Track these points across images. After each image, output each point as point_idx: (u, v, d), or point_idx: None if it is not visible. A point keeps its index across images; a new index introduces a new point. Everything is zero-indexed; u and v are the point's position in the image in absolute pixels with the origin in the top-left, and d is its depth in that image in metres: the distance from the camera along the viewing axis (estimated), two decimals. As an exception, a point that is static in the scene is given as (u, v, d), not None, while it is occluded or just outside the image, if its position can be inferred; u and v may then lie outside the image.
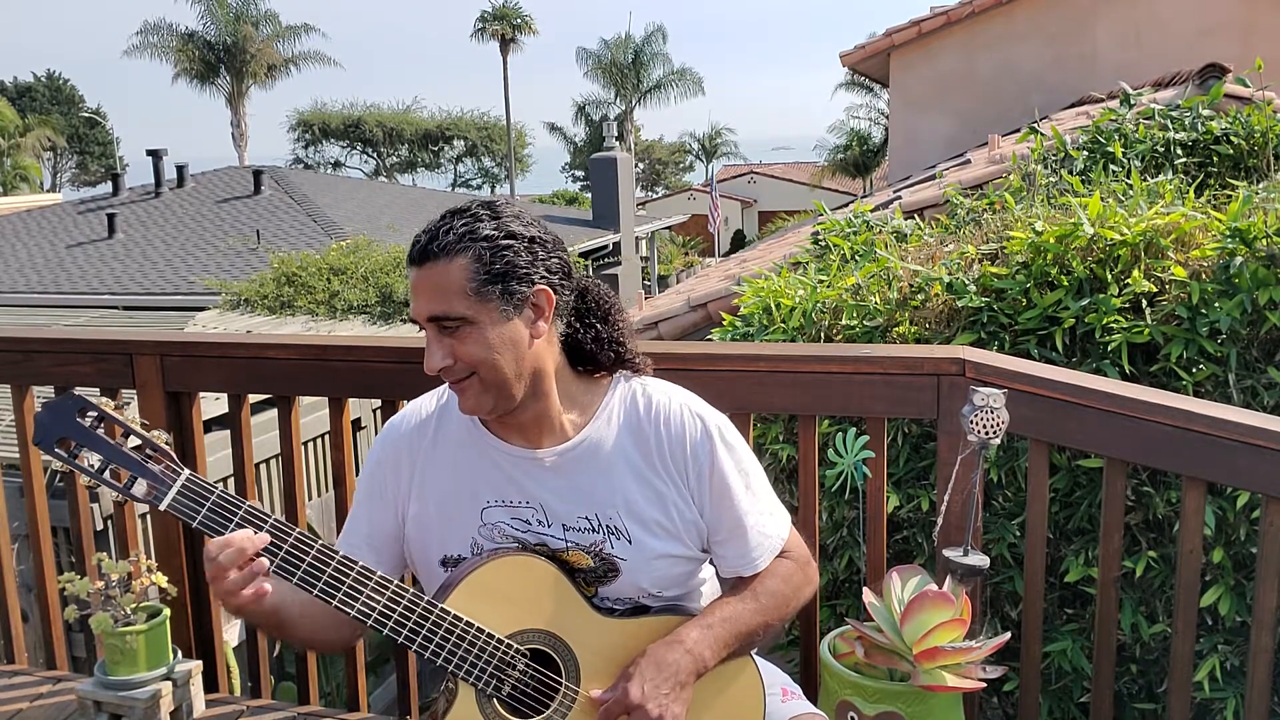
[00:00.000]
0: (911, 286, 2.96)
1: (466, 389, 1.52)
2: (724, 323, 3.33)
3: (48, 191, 34.74)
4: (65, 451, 1.44)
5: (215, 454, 2.70)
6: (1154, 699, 2.62)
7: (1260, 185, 3.38)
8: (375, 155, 37.05)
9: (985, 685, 1.86)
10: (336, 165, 36.85)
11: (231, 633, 4.80)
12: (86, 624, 2.26)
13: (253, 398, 2.47)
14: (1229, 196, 3.38)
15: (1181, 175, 3.87)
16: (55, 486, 4.29)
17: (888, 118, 14.07)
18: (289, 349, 2.37)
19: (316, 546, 1.46)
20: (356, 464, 1.98)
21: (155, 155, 17.56)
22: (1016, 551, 2.65)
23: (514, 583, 1.53)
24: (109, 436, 1.45)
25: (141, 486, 1.45)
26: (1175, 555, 2.05)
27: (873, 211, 4.32)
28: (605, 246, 19.51)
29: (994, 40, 9.56)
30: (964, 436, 1.85)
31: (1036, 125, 4.73)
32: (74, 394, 1.48)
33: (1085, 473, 2.58)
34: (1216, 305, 2.56)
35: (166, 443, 1.48)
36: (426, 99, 71.15)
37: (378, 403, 2.41)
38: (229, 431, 2.44)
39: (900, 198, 5.72)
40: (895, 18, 11.20)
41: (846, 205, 6.18)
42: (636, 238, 21.71)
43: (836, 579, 2.90)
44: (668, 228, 28.06)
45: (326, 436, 3.21)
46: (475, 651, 1.49)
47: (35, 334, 2.91)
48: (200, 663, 2.40)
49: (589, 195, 26.13)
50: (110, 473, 1.45)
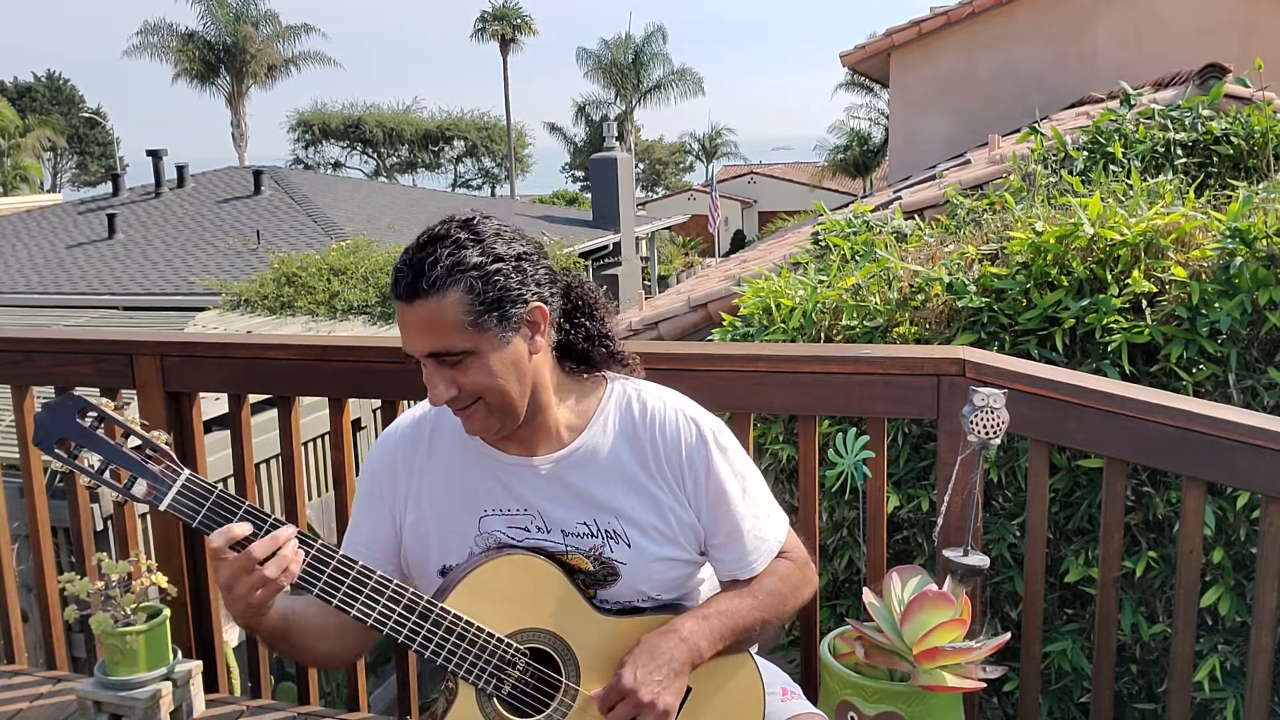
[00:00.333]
0: (911, 287, 2.96)
1: (473, 414, 1.51)
2: (724, 323, 3.32)
3: (48, 192, 34.77)
4: (65, 452, 1.44)
5: (215, 454, 2.70)
6: (1154, 699, 2.62)
7: (1260, 185, 3.38)
8: (375, 156, 37.05)
9: (985, 685, 1.86)
10: (336, 165, 36.86)
11: (231, 633, 4.80)
12: (86, 624, 2.26)
13: (253, 398, 2.47)
14: (1229, 197, 3.38)
15: (1181, 175, 3.87)
16: (55, 486, 4.28)
17: (888, 118, 14.07)
18: (289, 349, 2.37)
19: (316, 546, 1.46)
20: (356, 464, 1.98)
21: (155, 155, 17.57)
22: (1016, 551, 2.65)
23: (514, 582, 1.53)
24: (109, 437, 1.45)
25: (141, 487, 1.45)
26: (1175, 555, 2.05)
27: (873, 212, 4.31)
28: (605, 247, 19.52)
29: (994, 40, 9.56)
30: (964, 437, 1.85)
31: (1036, 125, 4.73)
32: (74, 394, 1.48)
33: (1085, 473, 2.58)
34: (1216, 305, 2.56)
35: (166, 443, 1.48)
36: (426, 99, 71.30)
37: (378, 403, 2.41)
38: (229, 431, 2.44)
39: (900, 198, 5.72)
40: (895, 18, 11.23)
41: (846, 205, 6.18)
42: (636, 238, 21.72)
43: (836, 579, 2.90)
44: (668, 228, 28.07)
45: (326, 436, 3.21)
46: (475, 651, 1.49)
47: (35, 334, 2.91)
48: (200, 663, 2.40)
49: (589, 195, 26.14)
50: (110, 473, 1.45)
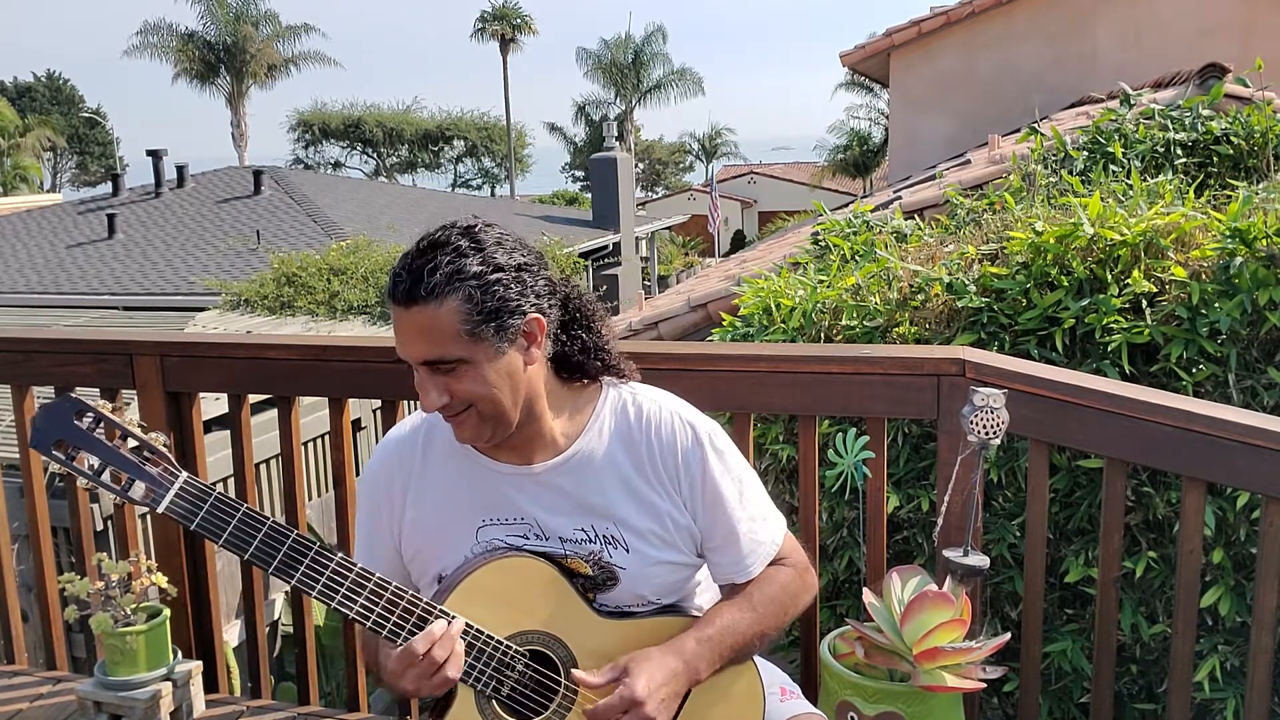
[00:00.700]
0: (911, 287, 2.96)
1: (464, 421, 1.51)
2: (724, 323, 3.32)
3: (48, 192, 34.79)
4: (62, 454, 1.44)
5: (215, 454, 2.70)
6: (1154, 699, 2.62)
7: (1260, 185, 3.38)
8: (375, 155, 37.04)
9: (985, 685, 1.86)
10: (336, 165, 36.86)
11: (231, 633, 4.81)
12: (86, 624, 2.26)
13: (253, 398, 2.47)
14: (1229, 196, 3.38)
15: (1181, 175, 3.87)
16: (55, 487, 4.28)
17: (888, 118, 14.06)
18: (289, 349, 2.37)
19: (316, 547, 1.46)
20: (357, 464, 1.98)
21: (155, 155, 17.58)
22: (1016, 551, 2.65)
23: (512, 584, 1.53)
24: (107, 439, 1.45)
25: (139, 489, 1.44)
26: (1175, 555, 2.05)
27: (873, 212, 4.31)
28: (605, 247, 19.51)
29: (994, 40, 9.56)
30: (964, 437, 1.85)
31: (1036, 125, 4.73)
32: (71, 396, 1.48)
33: (1085, 473, 2.58)
34: (1216, 305, 2.56)
35: (165, 444, 1.48)
36: (426, 99, 71.32)
37: (378, 403, 2.41)
38: (229, 432, 2.44)
39: (900, 198, 5.71)
40: (895, 18, 11.20)
41: (846, 205, 6.18)
42: (636, 238, 21.72)
43: (836, 579, 2.90)
44: (668, 228, 28.07)
45: (326, 436, 3.21)
46: (474, 653, 1.49)
47: (35, 334, 2.91)
48: (200, 663, 2.40)
49: (589, 195, 26.14)
50: (108, 475, 1.44)
